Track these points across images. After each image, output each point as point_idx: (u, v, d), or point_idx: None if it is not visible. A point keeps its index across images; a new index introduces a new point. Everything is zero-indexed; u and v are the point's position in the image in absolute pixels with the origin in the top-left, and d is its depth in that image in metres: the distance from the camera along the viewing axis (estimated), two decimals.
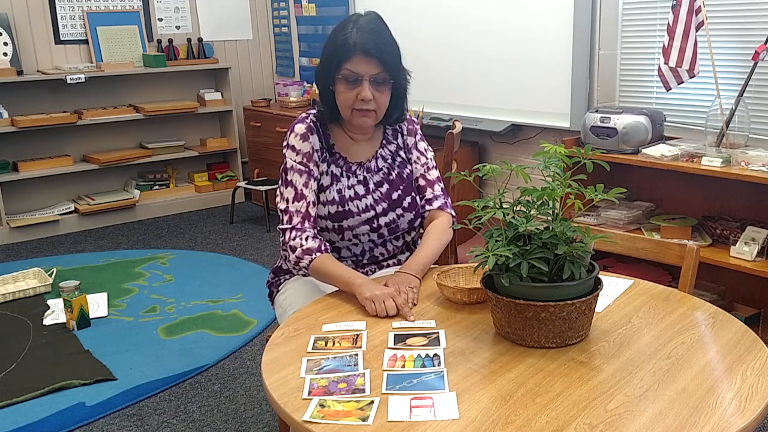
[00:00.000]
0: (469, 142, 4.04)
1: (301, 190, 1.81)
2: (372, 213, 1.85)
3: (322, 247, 1.77)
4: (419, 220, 1.94)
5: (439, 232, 1.89)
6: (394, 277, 1.72)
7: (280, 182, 1.87)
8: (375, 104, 1.78)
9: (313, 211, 1.81)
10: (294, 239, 1.77)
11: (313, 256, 1.75)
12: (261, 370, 1.34)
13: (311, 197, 1.81)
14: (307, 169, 1.82)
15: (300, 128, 1.84)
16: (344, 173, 1.87)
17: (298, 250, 1.76)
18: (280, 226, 1.83)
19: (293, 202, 1.81)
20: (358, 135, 1.90)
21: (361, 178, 1.88)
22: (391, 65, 1.78)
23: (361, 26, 1.76)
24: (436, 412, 1.16)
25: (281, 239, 1.82)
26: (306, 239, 1.77)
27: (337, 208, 1.83)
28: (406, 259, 1.95)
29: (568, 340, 1.36)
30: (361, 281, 1.65)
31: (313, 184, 1.82)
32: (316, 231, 1.81)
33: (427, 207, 1.95)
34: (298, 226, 1.79)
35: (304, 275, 1.85)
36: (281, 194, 1.85)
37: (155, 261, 4.12)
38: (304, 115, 1.89)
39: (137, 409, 2.57)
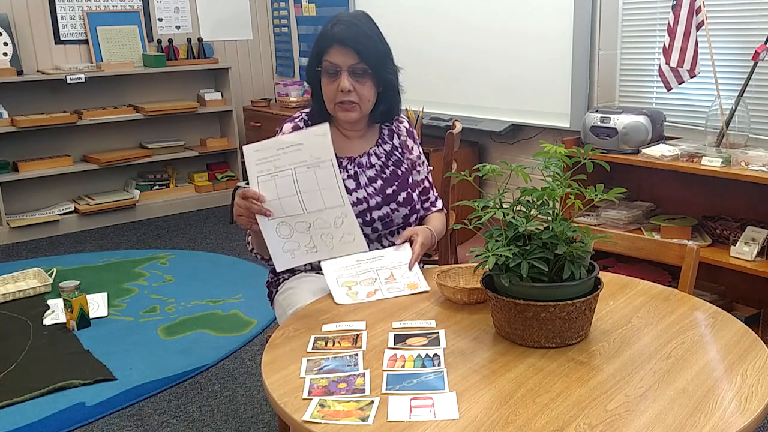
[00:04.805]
0: (469, 142, 4.04)
1: None
2: (364, 206, 1.86)
3: None
4: (414, 216, 1.95)
5: (441, 220, 2.01)
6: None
7: None
8: (357, 96, 1.81)
9: None
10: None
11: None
12: (261, 370, 1.34)
13: None
14: None
15: (287, 128, 1.91)
16: None
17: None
18: None
19: None
20: (350, 131, 1.92)
21: (351, 172, 1.89)
22: (370, 56, 1.80)
23: (342, 20, 1.82)
24: (436, 412, 1.16)
25: None
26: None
27: None
28: None
29: (568, 340, 1.36)
30: None
31: None
32: None
33: (432, 209, 2.03)
34: None
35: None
36: None
37: (155, 261, 4.12)
38: (296, 114, 1.92)
39: (137, 409, 2.57)
